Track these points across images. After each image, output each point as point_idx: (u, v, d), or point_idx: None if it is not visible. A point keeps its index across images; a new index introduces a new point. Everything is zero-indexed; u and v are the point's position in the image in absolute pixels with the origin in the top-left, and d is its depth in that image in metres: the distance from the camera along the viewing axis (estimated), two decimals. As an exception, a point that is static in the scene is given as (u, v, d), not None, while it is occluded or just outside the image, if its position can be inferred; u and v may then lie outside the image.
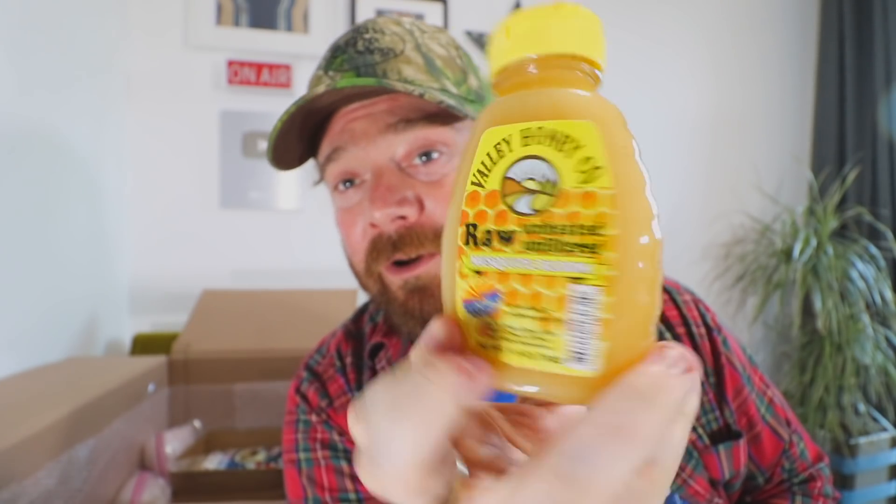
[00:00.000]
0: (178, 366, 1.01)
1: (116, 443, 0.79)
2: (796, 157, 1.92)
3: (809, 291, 1.62)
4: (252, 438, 1.00)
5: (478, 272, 0.18)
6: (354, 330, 0.56)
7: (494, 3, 1.65)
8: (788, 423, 0.53)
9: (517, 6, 1.63)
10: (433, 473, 0.17)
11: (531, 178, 0.17)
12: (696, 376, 0.16)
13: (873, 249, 1.63)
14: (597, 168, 0.16)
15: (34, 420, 0.61)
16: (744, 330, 1.84)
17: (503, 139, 0.18)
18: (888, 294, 1.59)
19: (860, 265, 1.60)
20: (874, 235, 1.70)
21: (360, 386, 0.52)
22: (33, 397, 0.71)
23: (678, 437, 0.15)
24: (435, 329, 0.18)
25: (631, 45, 1.75)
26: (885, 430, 1.58)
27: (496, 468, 0.19)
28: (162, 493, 0.83)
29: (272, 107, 1.48)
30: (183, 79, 1.43)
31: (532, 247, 0.17)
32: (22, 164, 0.91)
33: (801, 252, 1.61)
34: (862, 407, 1.61)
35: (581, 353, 0.16)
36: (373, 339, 0.53)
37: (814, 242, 1.62)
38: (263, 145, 1.48)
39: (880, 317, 1.62)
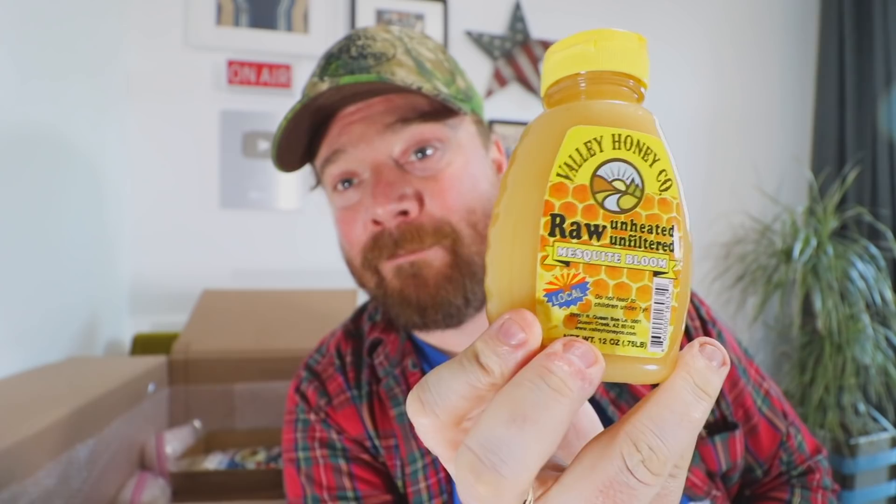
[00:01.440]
0: (178, 366, 1.01)
1: (116, 443, 0.79)
2: (796, 157, 1.92)
3: (809, 291, 1.62)
4: (252, 438, 1.00)
5: (565, 263, 0.18)
6: (354, 329, 0.57)
7: (494, 3, 1.65)
8: (785, 416, 0.53)
9: (517, 7, 1.63)
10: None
11: (619, 179, 0.18)
12: (727, 369, 0.19)
13: (873, 249, 1.63)
14: (668, 179, 0.19)
15: (34, 420, 0.61)
16: (744, 330, 1.84)
17: (594, 139, 0.18)
18: (888, 294, 1.59)
19: (860, 265, 1.60)
20: (874, 235, 1.71)
21: (358, 384, 0.52)
22: (33, 397, 0.71)
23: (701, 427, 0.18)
24: (514, 323, 0.17)
25: (631, 45, 1.75)
26: (885, 430, 1.58)
27: None
28: (162, 493, 0.83)
29: (272, 107, 1.48)
30: (183, 79, 1.43)
31: (619, 242, 0.18)
32: (22, 165, 0.91)
33: (801, 252, 1.61)
34: (862, 407, 1.61)
35: (658, 337, 0.18)
36: (371, 336, 0.54)
37: (814, 242, 1.62)
38: (263, 145, 1.48)
39: (880, 317, 1.62)
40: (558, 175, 0.18)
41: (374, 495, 0.48)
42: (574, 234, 0.18)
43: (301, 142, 0.47)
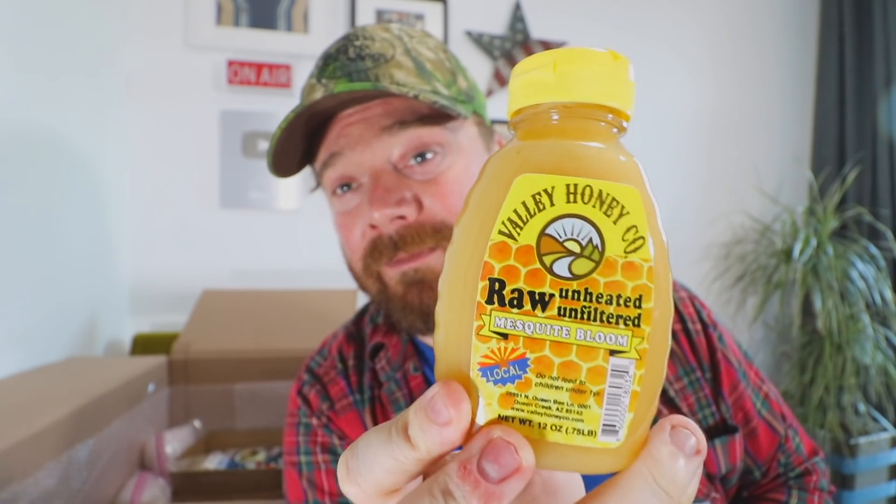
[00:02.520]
0: (178, 366, 1.01)
1: (116, 443, 0.79)
2: (796, 157, 1.92)
3: (809, 291, 1.62)
4: (252, 438, 1.00)
5: (503, 335, 0.16)
6: (355, 332, 0.56)
7: (494, 3, 1.65)
8: (784, 418, 0.53)
9: (517, 7, 1.63)
10: None
11: (573, 239, 0.16)
12: (702, 458, 0.16)
13: (873, 249, 1.63)
14: (639, 238, 0.16)
15: (34, 420, 0.61)
16: (744, 330, 1.84)
17: (544, 190, 0.16)
18: (888, 294, 1.59)
19: (860, 265, 1.60)
20: (874, 235, 1.71)
21: (361, 388, 0.52)
22: (33, 397, 0.71)
23: None
24: (440, 400, 0.15)
25: (631, 46, 1.75)
26: (885, 430, 1.58)
27: None
28: (162, 493, 0.83)
29: (272, 107, 1.48)
30: (183, 79, 1.43)
31: (568, 313, 0.16)
32: (22, 165, 0.91)
33: (801, 252, 1.61)
34: (862, 407, 1.61)
35: (612, 426, 0.16)
36: (373, 340, 0.53)
37: (814, 242, 1.62)
38: (263, 145, 1.48)
39: (880, 317, 1.62)
40: (500, 233, 0.16)
41: None
42: (515, 302, 0.16)
43: (298, 146, 0.47)
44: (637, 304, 0.16)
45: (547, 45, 1.64)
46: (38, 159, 0.96)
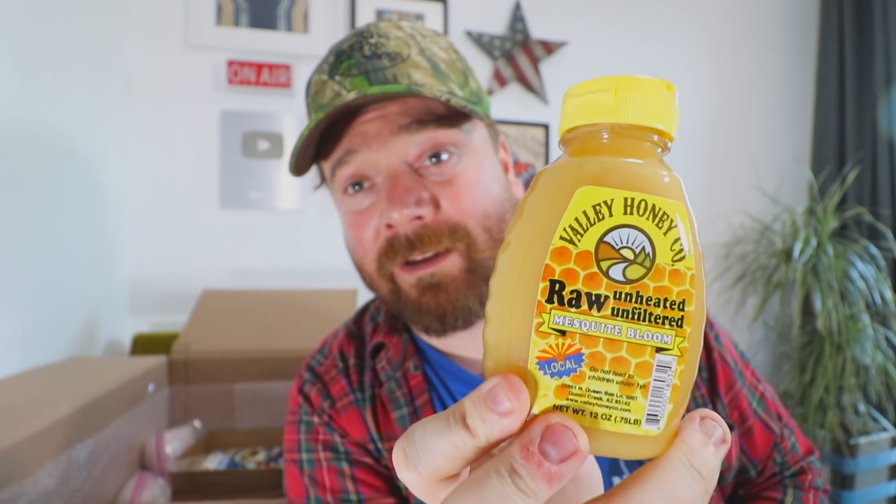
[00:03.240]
0: (178, 366, 1.01)
1: (116, 443, 0.79)
2: (796, 157, 1.92)
3: (809, 291, 1.62)
4: (252, 438, 1.00)
5: (561, 332, 0.17)
6: (356, 330, 0.57)
7: (494, 3, 1.65)
8: (780, 418, 0.54)
9: (517, 7, 1.63)
10: None
11: (628, 247, 0.17)
12: (727, 447, 0.18)
13: (873, 249, 1.63)
14: (683, 248, 0.18)
15: (34, 420, 0.61)
16: (744, 330, 1.84)
17: (604, 201, 0.17)
18: (888, 294, 1.59)
19: (860, 265, 1.60)
20: (874, 235, 1.71)
21: (362, 387, 0.52)
22: (33, 397, 0.71)
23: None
24: (502, 391, 0.16)
25: (631, 46, 1.75)
26: (885, 430, 1.58)
27: None
28: (162, 493, 0.83)
29: (272, 107, 1.48)
30: (183, 79, 1.43)
31: (621, 314, 0.17)
32: (23, 165, 0.91)
33: (801, 252, 1.61)
34: (862, 407, 1.61)
35: (655, 416, 0.18)
36: (374, 340, 0.53)
37: (814, 242, 1.62)
38: (263, 145, 1.48)
39: (880, 317, 1.62)
40: (562, 238, 0.17)
41: (377, 498, 0.48)
42: (573, 302, 0.17)
43: (312, 144, 0.46)
44: (681, 307, 0.18)
45: (547, 45, 1.64)
46: (38, 159, 0.96)
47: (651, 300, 0.17)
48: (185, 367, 1.01)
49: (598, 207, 0.17)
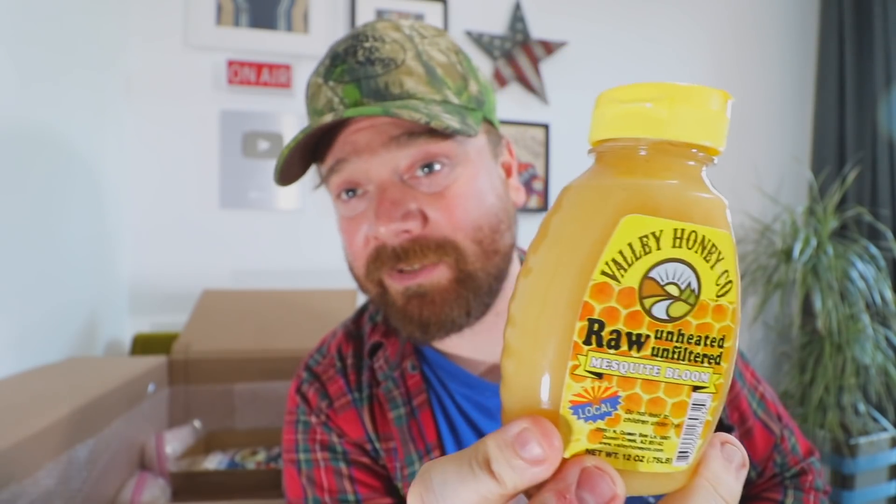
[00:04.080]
0: (178, 366, 1.01)
1: (116, 443, 0.79)
2: (796, 157, 1.92)
3: (809, 291, 1.62)
4: (252, 438, 1.00)
5: (597, 375, 0.16)
6: (355, 330, 0.57)
7: (494, 3, 1.65)
8: (780, 419, 0.54)
9: (517, 7, 1.63)
10: None
11: (673, 283, 0.16)
12: (746, 470, 0.18)
13: (873, 249, 1.63)
14: (729, 282, 0.16)
15: (34, 420, 0.61)
16: (744, 330, 1.84)
17: (652, 233, 0.16)
18: (888, 294, 1.59)
19: (860, 265, 1.60)
20: (874, 235, 1.71)
21: (359, 387, 0.52)
22: (33, 397, 0.71)
23: None
24: (533, 437, 0.15)
25: (631, 46, 1.75)
26: (885, 430, 1.58)
27: None
28: (162, 493, 0.83)
29: (272, 107, 1.48)
30: (183, 79, 1.43)
31: (661, 354, 0.16)
32: (23, 165, 0.91)
33: (801, 252, 1.61)
34: (862, 407, 1.61)
35: (686, 453, 0.17)
36: (372, 339, 0.54)
37: (814, 242, 1.62)
38: (263, 145, 1.48)
39: (880, 317, 1.62)
40: (604, 273, 0.16)
41: (375, 498, 0.48)
42: (612, 343, 0.16)
43: (303, 152, 0.46)
44: (720, 343, 0.16)
45: (547, 45, 1.64)
46: (38, 159, 0.96)
47: (693, 339, 0.16)
48: (185, 367, 1.01)
49: (645, 239, 0.16)
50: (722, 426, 0.51)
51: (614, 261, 0.16)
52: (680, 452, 0.17)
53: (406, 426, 0.49)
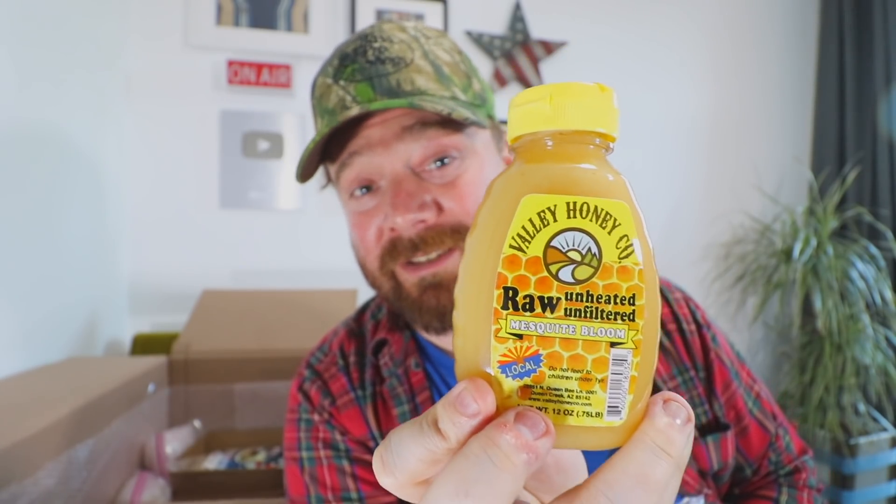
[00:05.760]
0: (178, 366, 1.01)
1: (116, 443, 0.79)
2: (796, 157, 1.92)
3: (809, 291, 1.62)
4: (252, 438, 1.00)
5: (518, 336, 0.18)
6: (356, 328, 0.57)
7: (494, 3, 1.65)
8: (775, 417, 0.55)
9: (517, 7, 1.63)
10: None
11: (575, 249, 0.18)
12: (693, 426, 0.19)
13: (873, 249, 1.63)
14: (630, 245, 0.18)
15: (34, 420, 0.61)
16: (744, 330, 1.84)
17: (547, 208, 0.18)
18: (888, 294, 1.59)
19: (860, 265, 1.60)
20: (874, 235, 1.71)
21: (363, 384, 0.52)
22: (33, 397, 0.71)
23: (676, 482, 0.18)
24: (468, 394, 0.17)
25: (630, 46, 1.75)
26: (885, 430, 1.58)
27: None
28: (162, 493, 0.83)
29: (272, 107, 1.48)
30: (183, 79, 1.43)
31: (573, 313, 0.18)
32: (23, 165, 0.91)
33: (801, 252, 1.61)
34: (862, 407, 1.61)
35: (616, 407, 0.18)
36: (376, 336, 0.54)
37: (814, 242, 1.62)
38: (263, 145, 1.48)
39: (880, 317, 1.62)
40: (511, 247, 0.18)
41: (378, 496, 0.48)
42: (527, 307, 0.18)
43: (318, 152, 0.47)
44: (631, 301, 0.18)
45: (547, 45, 1.64)
46: (38, 159, 0.96)
47: (601, 298, 0.18)
48: (185, 367, 1.01)
49: (542, 214, 0.18)
50: (718, 424, 0.51)
51: (519, 235, 0.18)
52: (610, 407, 0.18)
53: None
